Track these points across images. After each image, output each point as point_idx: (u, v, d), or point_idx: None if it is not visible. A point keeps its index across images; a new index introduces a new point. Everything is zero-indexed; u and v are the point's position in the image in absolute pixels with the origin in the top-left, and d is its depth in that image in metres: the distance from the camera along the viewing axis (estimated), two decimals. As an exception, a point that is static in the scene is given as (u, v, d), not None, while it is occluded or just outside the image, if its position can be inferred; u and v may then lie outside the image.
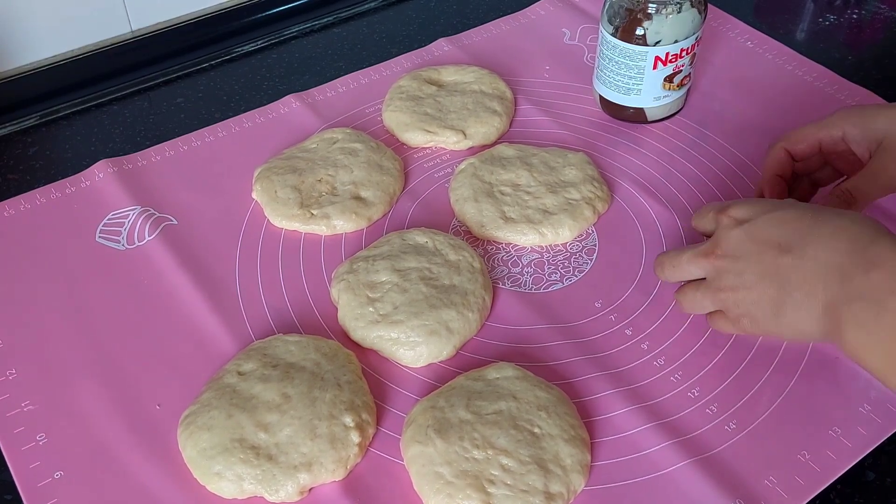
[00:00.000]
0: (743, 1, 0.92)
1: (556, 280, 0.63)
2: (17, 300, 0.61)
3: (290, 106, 0.78)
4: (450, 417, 0.52)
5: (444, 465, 0.50)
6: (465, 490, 0.48)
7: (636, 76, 0.72)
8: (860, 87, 0.79)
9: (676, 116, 0.77)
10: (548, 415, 0.52)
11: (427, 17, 0.92)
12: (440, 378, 0.57)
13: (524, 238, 0.65)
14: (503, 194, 0.67)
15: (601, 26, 0.72)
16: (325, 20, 0.91)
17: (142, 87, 0.82)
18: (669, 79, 0.72)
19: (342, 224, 0.66)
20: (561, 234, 0.65)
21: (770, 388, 0.56)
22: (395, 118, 0.75)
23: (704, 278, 0.55)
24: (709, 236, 0.57)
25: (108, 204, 0.69)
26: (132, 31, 0.86)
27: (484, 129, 0.74)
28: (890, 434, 0.53)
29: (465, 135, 0.74)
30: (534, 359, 0.58)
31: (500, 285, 0.63)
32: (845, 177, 0.62)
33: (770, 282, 0.51)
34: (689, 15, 0.69)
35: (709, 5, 0.79)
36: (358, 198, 0.68)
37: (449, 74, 0.80)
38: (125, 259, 0.64)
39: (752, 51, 0.84)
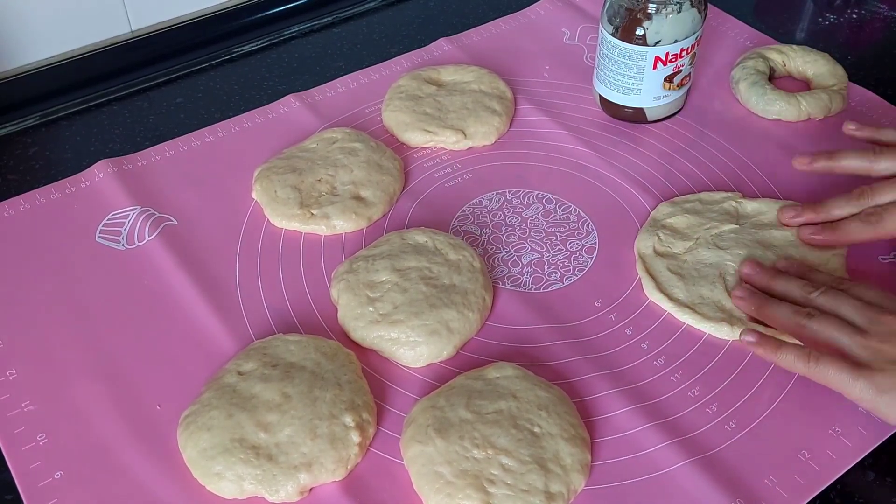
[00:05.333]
0: (743, 1, 0.92)
1: (556, 280, 0.63)
2: (18, 300, 0.61)
3: (289, 106, 0.78)
4: (450, 417, 0.52)
5: (444, 464, 0.50)
6: (465, 490, 0.48)
7: (636, 76, 0.72)
8: (860, 87, 0.79)
9: (676, 116, 0.77)
10: (548, 414, 0.52)
11: (427, 16, 0.92)
12: (440, 378, 0.57)
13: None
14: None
15: (601, 26, 0.72)
16: (325, 20, 0.91)
17: (142, 87, 0.82)
18: (669, 79, 0.72)
19: (342, 224, 0.66)
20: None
21: (770, 387, 0.56)
22: (394, 118, 0.75)
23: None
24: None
25: (108, 204, 0.69)
26: (132, 31, 0.86)
27: (484, 128, 0.74)
28: (890, 434, 0.53)
29: (464, 134, 0.74)
30: (534, 358, 0.58)
31: (501, 285, 0.63)
32: None
33: None
34: (689, 15, 0.69)
35: (709, 5, 0.79)
36: (358, 197, 0.68)
37: (448, 74, 0.80)
38: (125, 259, 0.64)
39: (751, 51, 0.84)
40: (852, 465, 0.52)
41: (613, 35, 0.71)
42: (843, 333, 0.52)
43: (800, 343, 0.55)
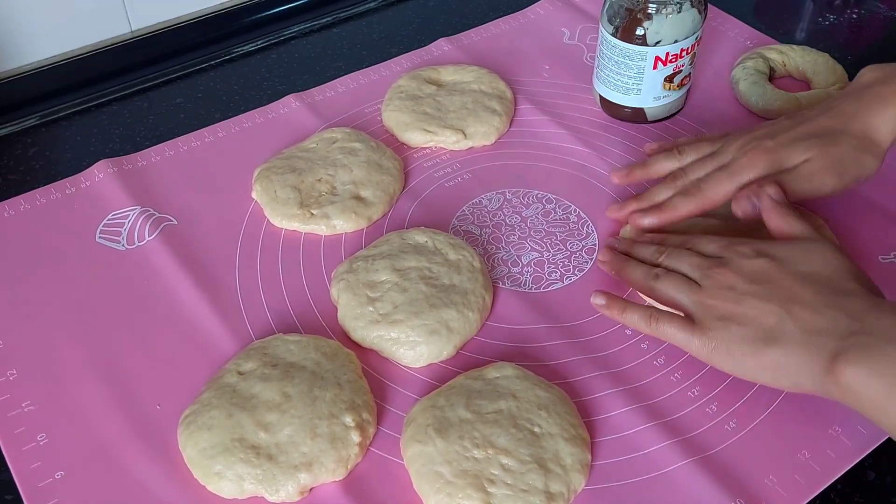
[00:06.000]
0: (743, 1, 0.92)
1: (556, 279, 0.63)
2: (18, 300, 0.61)
3: (289, 106, 0.78)
4: (450, 417, 0.52)
5: (444, 464, 0.50)
6: (465, 489, 0.48)
7: (636, 76, 0.72)
8: (860, 87, 0.79)
9: (676, 116, 0.77)
10: (548, 414, 0.52)
11: (426, 16, 0.92)
12: (440, 378, 0.57)
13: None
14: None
15: (601, 26, 0.72)
16: (325, 20, 0.91)
17: (142, 87, 0.82)
18: (669, 79, 0.72)
19: (342, 224, 0.66)
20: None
21: (769, 387, 0.56)
22: (394, 118, 0.75)
23: (658, 267, 0.57)
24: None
25: (108, 204, 0.69)
26: (132, 31, 0.86)
27: (483, 128, 0.74)
28: (890, 433, 0.53)
29: (464, 134, 0.74)
30: (534, 358, 0.58)
31: (501, 285, 0.63)
32: None
33: (774, 314, 0.50)
34: (689, 15, 0.69)
35: (709, 5, 0.79)
36: (358, 197, 0.68)
37: (448, 74, 0.80)
38: (125, 259, 0.64)
39: (752, 51, 0.83)
40: (852, 465, 0.52)
41: (613, 35, 0.71)
42: (681, 292, 0.54)
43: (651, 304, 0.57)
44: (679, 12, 0.69)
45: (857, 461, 0.52)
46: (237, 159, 0.73)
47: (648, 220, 0.63)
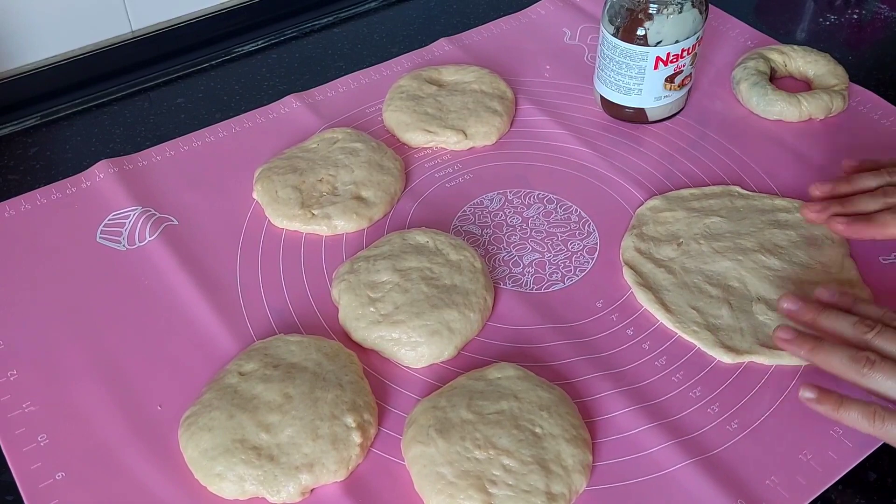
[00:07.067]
0: (743, 1, 0.92)
1: (557, 280, 0.63)
2: (18, 301, 0.61)
3: (290, 106, 0.78)
4: (451, 417, 0.52)
5: (446, 465, 0.50)
6: (467, 490, 0.48)
7: (637, 76, 0.72)
8: (861, 88, 0.79)
9: (677, 116, 0.77)
10: (549, 415, 0.52)
11: (427, 16, 0.92)
12: (441, 378, 0.57)
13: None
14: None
15: (602, 26, 0.72)
16: (325, 20, 0.91)
17: (142, 87, 0.82)
18: (670, 79, 0.72)
19: (343, 224, 0.66)
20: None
21: (771, 387, 0.56)
22: (395, 118, 0.75)
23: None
24: None
25: (108, 204, 0.69)
26: (132, 31, 0.86)
27: (484, 128, 0.74)
28: (891, 434, 0.53)
29: (465, 134, 0.74)
30: (535, 359, 0.58)
31: (502, 285, 0.63)
32: None
33: None
34: (690, 15, 0.69)
35: (710, 5, 0.79)
36: (359, 198, 0.67)
37: (449, 74, 0.80)
38: (126, 259, 0.64)
39: (752, 51, 0.84)
40: (853, 465, 0.52)
41: (614, 35, 0.71)
42: None
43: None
44: (680, 12, 0.68)
45: (859, 462, 0.52)
46: (238, 159, 0.73)
47: (852, 232, 0.59)
